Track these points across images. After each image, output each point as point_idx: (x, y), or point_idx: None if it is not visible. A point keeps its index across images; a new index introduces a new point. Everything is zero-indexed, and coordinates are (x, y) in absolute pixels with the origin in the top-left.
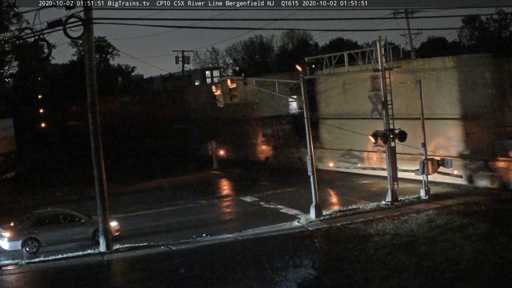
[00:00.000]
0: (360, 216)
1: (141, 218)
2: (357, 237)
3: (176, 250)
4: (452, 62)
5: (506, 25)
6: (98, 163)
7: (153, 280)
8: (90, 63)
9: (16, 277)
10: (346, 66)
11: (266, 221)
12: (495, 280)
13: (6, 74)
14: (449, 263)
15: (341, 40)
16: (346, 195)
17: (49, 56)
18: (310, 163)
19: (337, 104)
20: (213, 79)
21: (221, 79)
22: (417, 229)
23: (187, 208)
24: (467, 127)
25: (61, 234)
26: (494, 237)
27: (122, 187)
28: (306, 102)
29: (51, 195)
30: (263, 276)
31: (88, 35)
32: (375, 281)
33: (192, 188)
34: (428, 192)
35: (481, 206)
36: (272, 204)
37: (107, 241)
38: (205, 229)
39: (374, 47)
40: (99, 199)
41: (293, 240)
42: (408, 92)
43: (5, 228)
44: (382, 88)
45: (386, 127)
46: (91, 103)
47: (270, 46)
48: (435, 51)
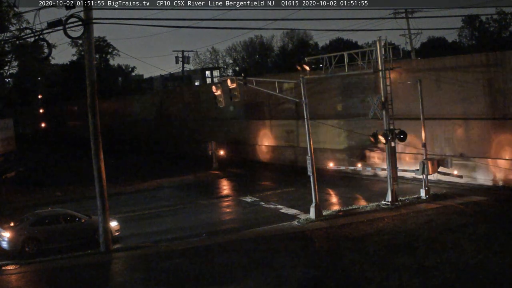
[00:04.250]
0: (360, 216)
1: (141, 218)
2: (357, 237)
3: (176, 250)
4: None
5: (506, 25)
6: (98, 163)
7: (153, 280)
8: (90, 63)
9: (16, 277)
10: (346, 66)
11: (266, 221)
12: (495, 280)
13: (6, 74)
14: (449, 263)
15: (341, 40)
16: (346, 195)
17: (49, 56)
18: (310, 163)
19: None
20: (213, 79)
21: (221, 79)
22: (417, 229)
23: (187, 208)
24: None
25: (61, 234)
26: (494, 237)
27: (122, 187)
28: (306, 102)
29: (51, 195)
30: (263, 276)
31: (88, 35)
32: (375, 281)
33: (192, 188)
34: (428, 192)
35: (481, 206)
36: (272, 204)
37: (107, 241)
38: (205, 229)
39: (374, 47)
40: (99, 199)
41: (293, 240)
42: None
43: (5, 228)
44: (382, 88)
45: (386, 127)
46: (91, 103)
47: (270, 46)
48: (435, 51)
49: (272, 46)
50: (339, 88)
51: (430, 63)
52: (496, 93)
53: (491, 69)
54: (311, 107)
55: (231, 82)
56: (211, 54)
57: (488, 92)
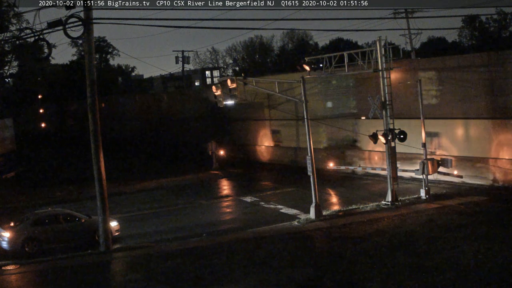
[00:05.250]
0: (360, 216)
1: (141, 218)
2: (357, 237)
3: (176, 250)
4: None
5: (506, 25)
6: (98, 163)
7: (153, 280)
8: (90, 63)
9: (16, 277)
10: (346, 66)
11: (266, 221)
12: (495, 280)
13: (6, 74)
14: (449, 263)
15: (341, 40)
16: (346, 195)
17: (49, 56)
18: (310, 163)
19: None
20: (213, 79)
21: (221, 79)
22: (417, 229)
23: (187, 208)
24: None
25: (61, 234)
26: (494, 237)
27: (122, 187)
28: (306, 102)
29: (51, 195)
30: (263, 276)
31: (88, 35)
32: (375, 281)
33: (192, 188)
34: (428, 192)
35: (481, 206)
36: (272, 204)
37: (107, 241)
38: (205, 229)
39: (374, 47)
40: (99, 199)
41: (293, 240)
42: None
43: (5, 228)
44: (382, 88)
45: (386, 127)
46: (91, 103)
47: (270, 46)
48: (435, 51)
49: (272, 46)
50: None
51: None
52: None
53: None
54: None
55: (231, 82)
56: (211, 54)
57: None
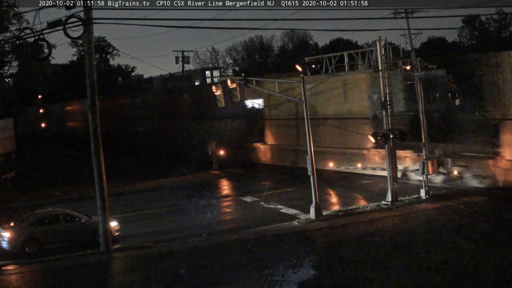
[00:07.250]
0: (360, 216)
1: (141, 218)
2: (357, 237)
3: (176, 250)
4: None
5: (506, 25)
6: (98, 163)
7: (153, 280)
8: (90, 63)
9: (16, 277)
10: (346, 66)
11: (266, 221)
12: (495, 280)
13: (6, 74)
14: (449, 263)
15: (341, 40)
16: (346, 195)
17: (49, 56)
18: (310, 163)
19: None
20: (213, 79)
21: (221, 79)
22: (417, 229)
23: (187, 208)
24: None
25: (61, 234)
26: (494, 237)
27: (122, 187)
28: (306, 102)
29: (51, 195)
30: (263, 276)
31: (88, 35)
32: (375, 281)
33: (192, 188)
34: (428, 192)
35: (481, 206)
36: (272, 204)
37: (107, 241)
38: (205, 229)
39: (374, 47)
40: (99, 199)
41: (293, 240)
42: None
43: (5, 228)
44: (382, 88)
45: (386, 127)
46: (91, 103)
47: (270, 46)
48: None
49: (272, 46)
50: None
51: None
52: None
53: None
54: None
55: (231, 82)
56: (211, 54)
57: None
